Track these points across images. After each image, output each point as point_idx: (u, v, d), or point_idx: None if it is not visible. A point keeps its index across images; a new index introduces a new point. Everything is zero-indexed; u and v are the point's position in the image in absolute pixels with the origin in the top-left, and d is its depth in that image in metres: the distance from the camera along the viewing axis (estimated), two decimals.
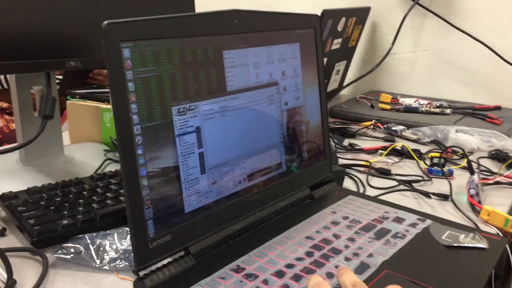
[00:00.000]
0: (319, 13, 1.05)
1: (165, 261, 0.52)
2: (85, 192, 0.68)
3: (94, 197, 0.66)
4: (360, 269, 0.54)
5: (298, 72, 0.69)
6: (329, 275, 0.52)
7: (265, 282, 0.51)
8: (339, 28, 1.19)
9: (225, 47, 0.58)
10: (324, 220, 0.65)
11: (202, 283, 0.51)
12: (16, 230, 0.63)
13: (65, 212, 0.62)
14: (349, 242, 0.60)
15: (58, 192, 0.67)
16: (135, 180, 0.49)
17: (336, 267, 0.54)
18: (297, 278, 0.52)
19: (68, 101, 0.93)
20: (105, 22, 0.46)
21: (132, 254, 0.54)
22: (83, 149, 0.88)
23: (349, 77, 1.45)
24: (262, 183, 0.64)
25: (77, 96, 0.95)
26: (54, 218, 0.60)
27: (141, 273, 0.50)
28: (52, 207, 0.63)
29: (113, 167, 0.81)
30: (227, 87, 0.58)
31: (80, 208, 0.63)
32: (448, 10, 1.30)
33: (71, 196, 0.66)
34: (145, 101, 0.49)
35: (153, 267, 0.51)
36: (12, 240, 0.61)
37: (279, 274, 0.53)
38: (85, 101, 0.91)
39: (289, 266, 0.54)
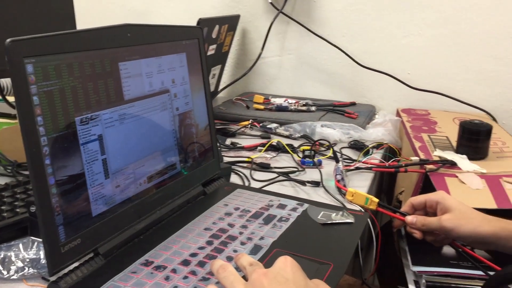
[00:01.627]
0: (191, 20, 1.12)
1: (76, 263, 0.55)
2: None
3: None
4: (254, 251, 0.62)
5: (186, 80, 0.75)
6: (229, 259, 0.60)
7: (174, 271, 0.57)
8: (213, 35, 1.27)
9: (120, 59, 0.62)
10: (218, 212, 0.73)
11: (115, 279, 0.55)
12: None
13: None
14: (243, 229, 0.68)
15: None
16: (45, 188, 0.51)
17: (235, 251, 0.62)
18: (201, 264, 0.59)
19: None
20: (8, 40, 0.48)
21: (40, 261, 0.56)
22: None
23: (224, 80, 1.54)
24: (160, 184, 0.69)
25: None
26: None
27: (54, 277, 0.53)
28: None
29: (1, 181, 0.80)
30: (124, 96, 0.62)
31: None
32: (307, 18, 1.46)
33: None
34: (50, 113, 0.52)
35: (66, 270, 0.54)
36: None
37: (185, 262, 0.59)
38: None
39: (193, 255, 0.61)
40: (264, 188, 0.87)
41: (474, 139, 1.01)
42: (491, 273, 0.78)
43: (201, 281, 0.55)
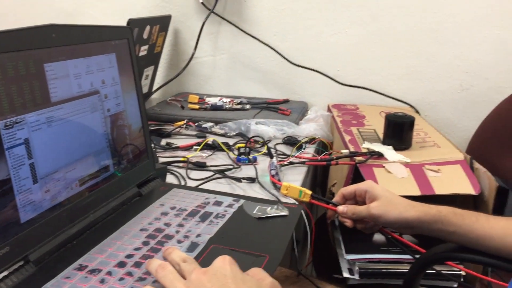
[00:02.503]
0: (122, 21, 1.10)
1: (6, 272, 0.53)
2: None
3: None
4: (191, 248, 0.63)
5: (117, 80, 0.74)
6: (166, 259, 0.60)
7: (109, 273, 0.56)
8: (145, 35, 1.26)
9: (45, 60, 0.60)
10: (154, 212, 0.73)
11: (47, 286, 0.54)
12: None
13: None
14: (179, 228, 0.68)
15: None
16: None
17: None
18: (138, 265, 0.58)
19: None
20: None
21: None
22: None
23: (158, 81, 1.52)
24: (93, 187, 0.68)
25: None
26: None
27: None
28: None
29: None
30: (51, 99, 0.61)
31: None
32: (239, 18, 1.47)
33: None
34: None
35: None
36: None
37: (121, 264, 0.58)
38: None
39: (129, 256, 0.60)
40: (200, 187, 0.87)
41: (399, 130, 1.07)
42: (418, 256, 0.83)
43: (138, 281, 0.55)
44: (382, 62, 1.42)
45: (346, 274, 0.94)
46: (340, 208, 0.81)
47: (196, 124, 1.22)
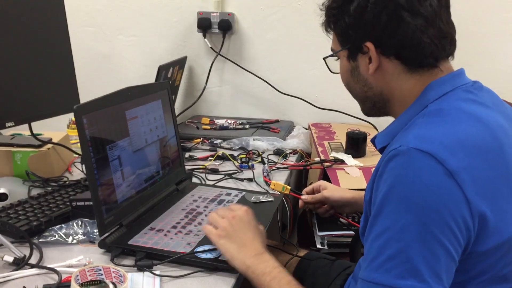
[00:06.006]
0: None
1: (111, 230, 0.95)
2: (35, 206, 1.04)
3: (43, 208, 1.04)
4: None
5: (162, 116, 1.17)
6: (200, 224, 1.02)
7: (168, 231, 0.98)
8: (169, 75, 1.68)
9: (126, 109, 1.03)
10: (188, 200, 1.15)
11: (135, 237, 0.95)
12: None
13: (31, 218, 0.99)
14: (205, 208, 1.10)
15: (17, 208, 1.02)
16: (95, 188, 0.91)
17: (202, 220, 1.04)
18: (184, 227, 1.00)
19: None
20: (75, 106, 0.88)
21: (88, 232, 0.96)
22: (4, 182, 1.20)
23: (176, 106, 1.95)
24: (151, 184, 1.10)
25: None
26: (28, 221, 0.97)
27: (102, 238, 0.93)
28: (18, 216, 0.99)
29: (35, 191, 1.17)
30: (129, 132, 1.03)
31: (39, 215, 1.00)
32: (240, 57, 1.90)
33: (27, 208, 1.03)
34: (95, 144, 0.92)
35: (107, 234, 0.94)
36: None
37: (174, 227, 1.00)
38: None
39: (178, 223, 1.02)
40: (216, 185, 1.29)
41: (355, 143, 1.49)
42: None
43: (186, 235, 0.97)
44: None
45: (319, 246, 1.35)
46: (303, 197, 1.23)
47: (209, 141, 1.64)
